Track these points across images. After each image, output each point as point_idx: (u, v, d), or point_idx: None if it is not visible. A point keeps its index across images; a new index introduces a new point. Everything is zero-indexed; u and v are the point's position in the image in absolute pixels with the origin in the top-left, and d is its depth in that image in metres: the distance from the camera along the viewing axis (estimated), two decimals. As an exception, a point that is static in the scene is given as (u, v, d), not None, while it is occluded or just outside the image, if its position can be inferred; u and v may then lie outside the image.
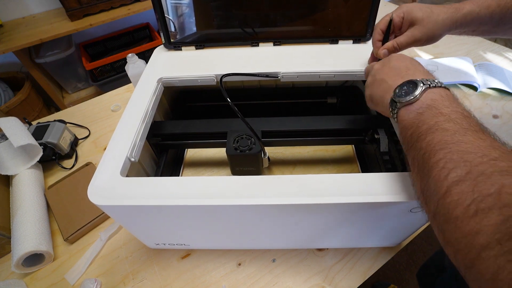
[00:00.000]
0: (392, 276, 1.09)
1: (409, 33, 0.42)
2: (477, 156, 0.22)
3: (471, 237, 0.20)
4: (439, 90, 0.30)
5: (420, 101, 0.29)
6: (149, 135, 0.46)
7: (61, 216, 0.54)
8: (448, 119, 0.26)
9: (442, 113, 0.27)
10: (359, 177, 0.34)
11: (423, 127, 0.27)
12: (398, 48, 0.43)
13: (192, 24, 0.58)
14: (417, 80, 0.30)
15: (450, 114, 0.27)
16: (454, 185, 0.22)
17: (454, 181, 0.22)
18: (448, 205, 0.22)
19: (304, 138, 0.51)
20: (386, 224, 0.40)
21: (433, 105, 0.28)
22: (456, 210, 0.21)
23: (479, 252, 0.19)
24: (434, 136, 0.26)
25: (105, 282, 0.48)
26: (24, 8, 1.47)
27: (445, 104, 0.28)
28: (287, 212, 0.35)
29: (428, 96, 0.29)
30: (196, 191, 0.34)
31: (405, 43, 0.43)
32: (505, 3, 0.41)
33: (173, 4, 0.55)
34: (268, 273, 0.48)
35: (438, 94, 0.29)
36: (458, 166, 0.23)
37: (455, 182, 0.22)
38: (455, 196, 0.22)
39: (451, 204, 0.22)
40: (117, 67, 1.57)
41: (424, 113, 0.28)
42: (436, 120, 0.27)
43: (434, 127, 0.26)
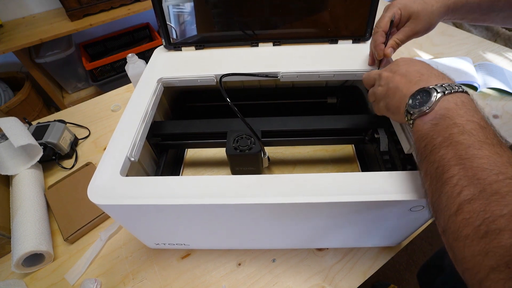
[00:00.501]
0: (392, 276, 1.09)
1: (408, 28, 0.43)
2: (492, 173, 0.21)
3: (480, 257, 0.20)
4: (455, 96, 0.28)
5: (434, 111, 0.28)
6: (149, 135, 0.46)
7: (61, 216, 0.54)
8: (462, 130, 0.25)
9: (457, 124, 0.26)
10: (359, 176, 0.34)
11: (437, 139, 0.26)
12: (400, 44, 0.44)
13: (192, 24, 0.58)
14: (430, 88, 0.29)
15: (464, 125, 0.25)
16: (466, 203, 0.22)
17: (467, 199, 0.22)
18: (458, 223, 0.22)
19: (304, 138, 0.51)
20: (386, 223, 0.40)
21: (447, 115, 0.27)
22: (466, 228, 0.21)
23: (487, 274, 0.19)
24: (448, 150, 0.25)
25: (105, 282, 0.48)
26: (24, 8, 1.47)
27: (460, 113, 0.26)
28: (287, 211, 0.35)
29: (443, 105, 0.28)
30: (196, 190, 0.34)
31: (406, 38, 0.44)
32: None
33: (173, 4, 0.55)
34: (268, 273, 0.48)
35: (452, 102, 0.27)
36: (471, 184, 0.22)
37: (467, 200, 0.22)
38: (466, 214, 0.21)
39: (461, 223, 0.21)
40: (117, 67, 1.57)
41: (438, 124, 0.27)
42: (450, 132, 0.25)
43: (448, 140, 0.25)
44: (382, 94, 0.36)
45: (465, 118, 0.26)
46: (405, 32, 0.44)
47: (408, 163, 0.40)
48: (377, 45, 0.45)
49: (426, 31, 0.44)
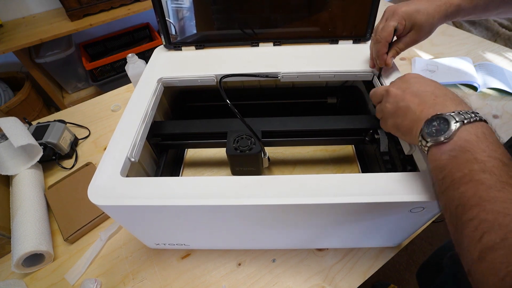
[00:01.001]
0: (392, 276, 1.09)
1: (409, 39, 0.44)
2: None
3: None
4: (475, 127, 0.26)
5: (453, 141, 0.26)
6: (149, 135, 0.46)
7: (61, 216, 0.54)
8: (483, 168, 0.24)
9: (477, 159, 0.24)
10: (359, 177, 0.34)
11: (456, 174, 0.25)
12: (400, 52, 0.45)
13: (192, 24, 0.58)
14: (449, 116, 0.27)
15: (486, 162, 0.24)
16: (488, 251, 0.21)
17: (488, 246, 0.21)
18: (482, 272, 0.21)
19: (304, 138, 0.51)
20: (386, 224, 0.39)
21: (467, 147, 0.25)
22: (491, 278, 0.21)
23: None
24: (468, 188, 0.24)
25: (105, 282, 0.48)
26: (24, 8, 1.47)
27: (481, 147, 0.25)
28: (287, 212, 0.35)
29: (463, 135, 0.26)
30: (196, 191, 0.34)
31: (405, 47, 0.45)
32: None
33: (173, 4, 0.55)
34: (268, 273, 0.48)
35: (473, 134, 0.26)
36: (492, 230, 0.21)
37: (489, 248, 0.21)
38: (489, 264, 0.21)
39: (485, 272, 0.21)
40: (117, 67, 1.57)
41: (457, 156, 0.26)
42: (470, 169, 0.24)
43: (467, 176, 0.24)
44: (391, 112, 0.35)
45: (486, 154, 0.24)
46: (406, 42, 0.44)
47: (408, 164, 0.40)
48: (381, 55, 0.45)
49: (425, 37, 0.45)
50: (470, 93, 0.75)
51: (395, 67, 0.48)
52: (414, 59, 0.85)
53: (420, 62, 0.84)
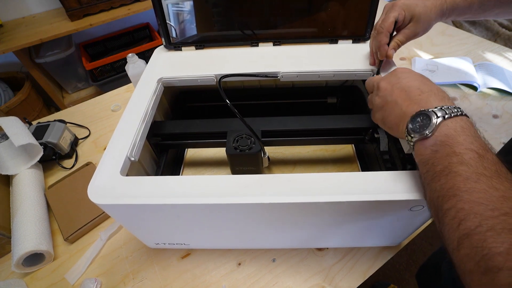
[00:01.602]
0: (392, 276, 1.09)
1: (408, 31, 0.45)
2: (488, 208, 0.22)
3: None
4: (454, 122, 0.28)
5: (434, 136, 0.28)
6: (149, 135, 0.46)
7: (61, 216, 0.54)
8: (461, 160, 0.25)
9: (456, 152, 0.26)
10: (358, 176, 0.34)
11: (437, 167, 0.27)
12: (401, 45, 0.45)
13: (192, 24, 0.59)
14: (430, 112, 0.29)
15: (463, 154, 0.25)
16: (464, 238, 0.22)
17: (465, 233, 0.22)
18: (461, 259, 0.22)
19: (304, 138, 0.51)
20: (386, 223, 0.40)
21: (447, 142, 0.27)
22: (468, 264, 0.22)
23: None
24: (447, 180, 0.25)
25: (105, 282, 0.48)
26: (24, 8, 1.47)
27: (459, 140, 0.26)
28: (287, 210, 0.35)
29: (443, 130, 0.28)
30: (196, 190, 0.34)
31: (406, 40, 0.45)
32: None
33: (173, 5, 0.55)
34: (268, 273, 0.48)
35: (452, 128, 0.27)
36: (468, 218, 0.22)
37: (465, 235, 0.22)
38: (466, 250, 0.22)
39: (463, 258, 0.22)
40: (117, 67, 1.57)
41: (438, 151, 0.27)
42: (449, 161, 0.26)
43: (447, 169, 0.26)
44: (379, 106, 0.36)
45: (464, 146, 0.26)
46: (406, 34, 0.45)
47: (408, 163, 0.40)
48: (382, 45, 0.45)
49: (424, 32, 0.46)
50: (470, 93, 0.75)
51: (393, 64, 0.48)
52: (414, 59, 0.85)
53: (420, 62, 0.84)
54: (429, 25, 0.45)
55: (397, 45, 0.45)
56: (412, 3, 0.44)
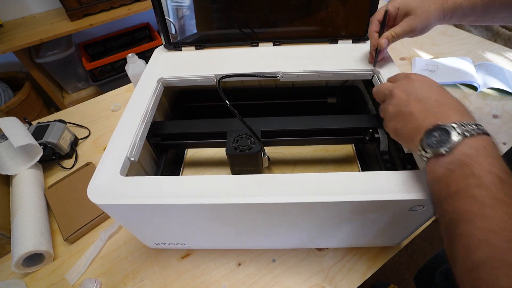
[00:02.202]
0: (392, 276, 1.09)
1: (405, 23, 0.44)
2: (503, 239, 0.21)
3: None
4: (476, 141, 0.25)
5: (452, 154, 0.26)
6: (149, 135, 0.46)
7: (61, 216, 0.54)
8: (479, 183, 0.23)
9: (474, 174, 0.24)
10: (358, 176, 0.34)
11: (452, 188, 0.25)
12: (395, 37, 0.44)
13: (192, 24, 0.59)
14: (451, 127, 0.26)
15: (483, 177, 0.23)
16: (474, 268, 0.21)
17: (475, 263, 0.21)
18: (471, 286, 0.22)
19: (304, 138, 0.51)
20: (386, 223, 0.39)
21: (465, 162, 0.25)
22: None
23: None
24: (462, 203, 0.24)
25: (105, 282, 0.48)
26: (24, 8, 1.47)
27: (480, 161, 0.24)
28: (287, 210, 0.35)
29: (462, 149, 0.25)
30: (196, 190, 0.34)
31: (402, 33, 0.44)
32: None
33: (173, 4, 0.55)
34: (268, 273, 0.48)
35: (473, 148, 0.25)
36: (480, 247, 0.21)
37: (475, 266, 0.21)
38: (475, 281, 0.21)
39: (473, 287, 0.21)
40: (117, 67, 1.57)
41: (455, 170, 0.25)
42: (466, 183, 0.24)
43: (463, 191, 0.24)
44: (393, 115, 0.33)
45: (484, 168, 0.24)
46: (402, 27, 0.44)
47: (408, 163, 0.40)
48: (371, 33, 0.46)
49: (422, 31, 0.44)
50: (470, 93, 0.75)
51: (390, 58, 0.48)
52: (414, 59, 0.85)
53: (420, 62, 0.84)
54: (428, 22, 0.43)
55: (392, 36, 0.44)
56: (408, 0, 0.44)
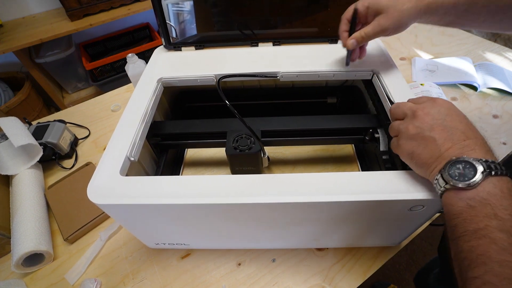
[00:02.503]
0: (392, 276, 1.09)
1: (376, 23, 0.41)
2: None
3: None
4: (501, 180, 0.25)
5: (476, 190, 0.25)
6: (149, 135, 0.46)
7: (61, 216, 0.54)
8: (501, 226, 0.23)
9: (497, 216, 0.23)
10: (358, 176, 0.34)
11: (470, 225, 0.24)
12: (365, 37, 0.42)
13: (192, 24, 0.59)
14: (477, 162, 0.25)
15: (506, 221, 0.23)
16: None
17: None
18: None
19: (304, 138, 0.51)
20: (385, 223, 0.40)
21: (488, 200, 0.24)
22: None
23: None
24: (479, 244, 0.23)
25: (105, 282, 0.48)
26: (24, 8, 1.47)
27: (504, 204, 0.23)
28: (287, 210, 0.35)
29: (487, 187, 0.25)
30: (195, 190, 0.34)
31: (372, 33, 0.42)
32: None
33: (173, 5, 0.55)
34: (268, 273, 0.48)
35: (498, 188, 0.24)
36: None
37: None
38: None
39: None
40: (117, 67, 1.57)
41: (476, 207, 0.24)
42: (487, 224, 0.23)
43: (482, 231, 0.23)
44: (411, 136, 0.31)
45: (508, 212, 0.23)
46: (373, 27, 0.41)
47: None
48: (340, 32, 0.44)
49: (395, 30, 0.41)
50: (470, 93, 0.75)
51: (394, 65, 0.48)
52: (414, 59, 0.85)
53: (420, 62, 0.84)
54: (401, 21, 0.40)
55: (361, 37, 0.42)
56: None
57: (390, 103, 0.42)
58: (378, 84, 0.47)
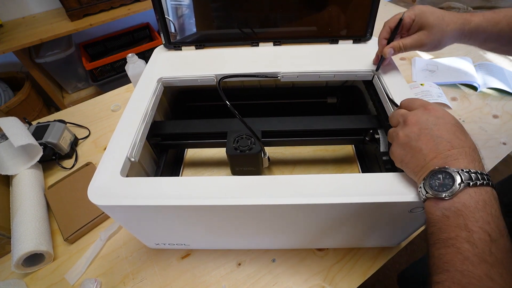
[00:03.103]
0: (392, 276, 1.09)
1: (417, 37, 0.42)
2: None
3: None
4: (478, 192, 0.25)
5: (452, 200, 0.26)
6: (149, 135, 0.46)
7: (61, 216, 0.54)
8: (469, 238, 0.24)
9: (467, 227, 0.24)
10: (358, 177, 0.34)
11: (443, 234, 0.25)
12: (403, 49, 0.43)
13: (192, 24, 0.58)
14: (456, 173, 0.26)
15: (474, 232, 0.24)
16: None
17: None
18: None
19: (304, 138, 0.51)
20: (385, 224, 0.39)
21: (462, 212, 0.25)
22: None
23: None
24: (447, 252, 0.24)
25: (105, 282, 0.48)
26: (24, 8, 1.47)
27: (476, 216, 0.24)
28: (287, 212, 0.35)
29: (463, 198, 0.25)
30: (195, 191, 0.34)
31: (410, 46, 0.42)
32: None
33: (173, 4, 0.55)
34: (268, 273, 0.48)
35: (474, 199, 0.25)
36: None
37: None
38: None
39: None
40: (117, 67, 1.57)
41: (450, 217, 0.25)
42: (457, 234, 0.24)
43: (451, 240, 0.24)
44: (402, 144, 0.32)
45: (478, 225, 0.24)
46: (412, 40, 0.42)
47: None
48: (380, 39, 0.45)
49: (433, 48, 0.43)
50: (470, 93, 0.75)
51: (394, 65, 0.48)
52: (414, 59, 0.85)
53: (420, 62, 0.84)
54: (441, 41, 0.41)
55: (399, 47, 0.43)
56: (428, 11, 0.41)
57: (390, 104, 0.42)
58: (379, 85, 0.47)
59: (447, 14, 0.41)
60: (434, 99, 0.70)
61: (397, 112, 0.35)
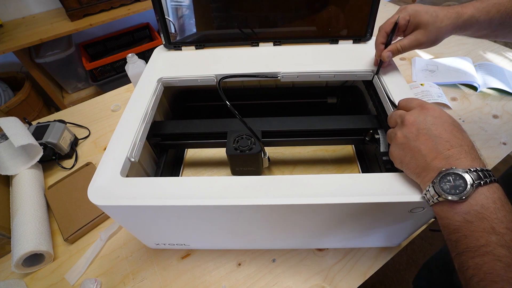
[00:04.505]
0: (392, 276, 1.09)
1: (413, 37, 0.42)
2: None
3: None
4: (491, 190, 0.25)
5: (468, 203, 0.25)
6: (149, 135, 0.46)
7: (61, 216, 0.54)
8: (501, 242, 0.23)
9: (495, 230, 0.23)
10: (358, 178, 0.34)
11: (472, 241, 0.24)
12: (401, 50, 0.43)
13: (192, 24, 0.58)
14: (465, 173, 0.26)
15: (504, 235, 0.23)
16: None
17: None
18: None
19: (304, 138, 0.51)
20: (386, 224, 0.39)
21: (484, 214, 0.24)
22: None
23: None
24: (485, 261, 0.23)
25: (105, 282, 0.48)
26: (24, 8, 1.47)
27: (499, 217, 0.24)
28: (287, 212, 0.35)
29: (478, 199, 0.25)
30: (196, 191, 0.34)
31: (408, 47, 0.43)
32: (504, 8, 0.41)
33: (173, 4, 0.55)
34: (268, 273, 0.48)
35: (491, 200, 0.25)
36: None
37: None
38: None
39: None
40: (117, 67, 1.57)
41: (473, 222, 0.25)
42: (488, 240, 0.23)
43: (485, 248, 0.23)
44: (400, 145, 0.32)
45: (504, 225, 0.24)
46: (410, 40, 0.43)
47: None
48: (377, 44, 0.45)
49: (430, 45, 0.43)
50: (470, 93, 0.75)
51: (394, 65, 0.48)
52: (414, 59, 0.85)
53: (420, 62, 0.84)
54: (437, 37, 0.42)
55: (397, 49, 0.43)
56: (422, 10, 0.41)
57: (390, 104, 0.42)
58: (379, 85, 0.47)
59: (440, 10, 0.42)
60: (434, 99, 0.70)
61: (395, 112, 0.36)
